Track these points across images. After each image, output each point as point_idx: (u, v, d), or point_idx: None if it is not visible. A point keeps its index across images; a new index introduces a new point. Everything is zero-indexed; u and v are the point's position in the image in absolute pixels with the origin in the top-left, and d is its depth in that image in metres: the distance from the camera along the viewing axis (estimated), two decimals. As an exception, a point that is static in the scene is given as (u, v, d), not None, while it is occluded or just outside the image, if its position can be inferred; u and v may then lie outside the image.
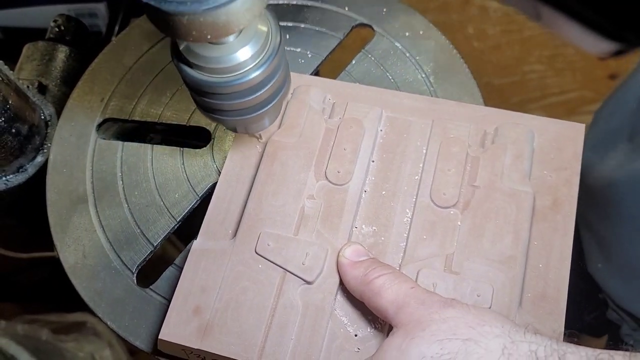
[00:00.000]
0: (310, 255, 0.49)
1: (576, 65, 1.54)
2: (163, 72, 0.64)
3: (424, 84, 0.62)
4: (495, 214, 0.49)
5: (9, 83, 0.59)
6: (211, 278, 0.49)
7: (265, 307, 0.47)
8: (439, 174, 0.52)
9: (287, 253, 0.49)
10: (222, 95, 0.45)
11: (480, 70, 1.53)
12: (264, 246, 0.49)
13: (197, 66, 0.43)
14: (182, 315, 0.47)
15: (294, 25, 0.66)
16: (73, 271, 0.55)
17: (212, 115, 0.48)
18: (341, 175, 0.52)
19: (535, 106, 1.50)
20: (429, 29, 0.64)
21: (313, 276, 0.48)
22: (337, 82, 0.59)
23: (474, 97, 0.61)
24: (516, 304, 0.46)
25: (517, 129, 0.53)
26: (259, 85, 0.45)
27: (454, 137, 0.53)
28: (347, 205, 0.51)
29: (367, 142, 0.54)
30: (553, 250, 0.49)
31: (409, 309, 0.41)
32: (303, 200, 0.51)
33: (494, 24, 1.61)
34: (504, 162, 0.51)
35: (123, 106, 0.63)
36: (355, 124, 0.54)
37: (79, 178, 0.60)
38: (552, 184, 0.51)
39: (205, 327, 0.47)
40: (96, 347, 0.99)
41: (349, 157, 0.53)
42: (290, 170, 0.53)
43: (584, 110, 1.46)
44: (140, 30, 0.67)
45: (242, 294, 0.48)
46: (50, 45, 0.74)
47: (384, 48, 0.64)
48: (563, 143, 0.52)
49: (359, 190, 0.52)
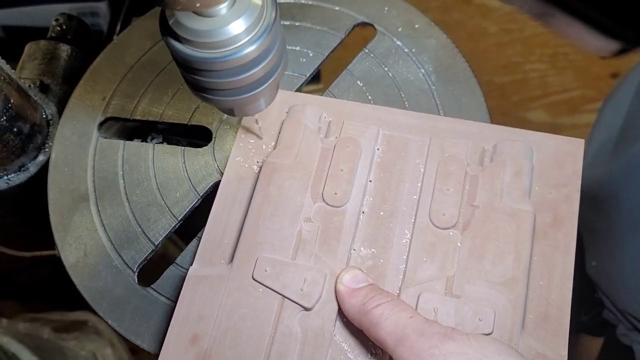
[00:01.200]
0: (309, 280, 0.48)
1: (578, 64, 1.54)
2: (164, 71, 0.64)
3: (425, 83, 0.61)
4: (495, 235, 0.48)
5: (11, 82, 0.59)
6: (208, 305, 0.48)
7: (264, 335, 0.46)
8: (437, 193, 0.51)
9: (285, 279, 0.48)
10: (214, 73, 0.42)
11: (482, 69, 1.53)
12: (261, 272, 0.48)
13: (187, 41, 0.41)
14: (180, 344, 0.47)
15: (295, 24, 0.65)
16: (74, 270, 0.56)
17: (203, 95, 0.46)
18: (338, 197, 0.51)
19: (536, 105, 1.50)
20: (431, 27, 0.64)
21: (312, 302, 0.47)
22: (333, 100, 0.58)
23: (475, 96, 0.61)
24: (519, 327, 0.46)
25: (515, 145, 0.52)
26: (254, 62, 0.42)
27: (452, 155, 0.52)
28: (345, 227, 0.50)
29: (364, 162, 0.53)
30: (555, 269, 0.48)
31: (409, 341, 0.40)
32: (300, 223, 0.51)
33: (495, 23, 1.61)
34: (503, 181, 0.50)
35: (124, 105, 0.63)
36: (351, 143, 0.53)
37: (80, 177, 0.60)
38: (552, 200, 0.50)
39: (203, 356, 0.46)
40: (97, 345, 0.99)
41: (346, 177, 0.52)
42: (287, 193, 0.52)
43: (586, 108, 1.46)
44: (141, 29, 0.67)
45: (240, 321, 0.47)
46: (52, 44, 0.74)
47: (386, 47, 0.64)
48: (562, 159, 0.52)
49: (356, 212, 0.51)
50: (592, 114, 0.86)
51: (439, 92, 0.61)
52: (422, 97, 0.61)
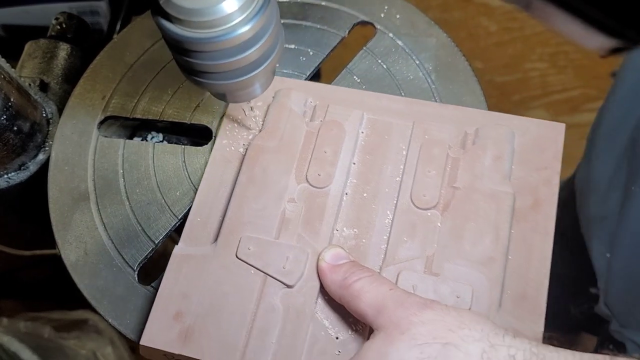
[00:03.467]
0: (291, 259, 0.48)
1: (578, 63, 1.54)
2: (164, 70, 0.64)
3: (425, 82, 0.61)
4: (475, 215, 0.49)
5: (11, 81, 0.59)
6: (192, 283, 0.48)
7: (247, 312, 0.47)
8: (419, 175, 0.52)
9: (268, 257, 0.49)
10: (206, 54, 0.41)
11: (482, 68, 1.53)
12: (244, 250, 0.49)
13: (178, 20, 0.39)
14: (163, 321, 0.47)
15: (296, 23, 0.65)
16: (75, 269, 0.56)
17: (196, 79, 0.44)
18: (322, 178, 0.52)
19: (537, 104, 1.50)
20: (431, 26, 0.64)
21: (294, 280, 0.48)
22: (319, 85, 0.59)
23: (475, 95, 0.61)
24: (496, 305, 0.46)
25: (497, 129, 0.53)
26: (248, 43, 0.41)
27: (434, 138, 0.53)
28: (328, 208, 0.51)
29: (348, 145, 0.54)
30: (533, 249, 0.49)
31: (388, 311, 0.41)
32: (284, 204, 0.51)
33: (495, 22, 1.61)
34: (484, 163, 0.51)
35: (124, 104, 0.63)
36: (336, 126, 0.54)
37: (80, 176, 0.60)
38: (532, 183, 0.51)
39: (186, 332, 0.47)
40: (98, 344, 1.00)
41: (330, 159, 0.53)
42: (272, 174, 0.52)
43: (587, 107, 1.46)
44: (141, 28, 0.67)
45: (223, 298, 0.48)
46: (52, 43, 0.74)
47: (386, 46, 0.64)
48: (544, 143, 0.53)
49: (340, 193, 0.52)
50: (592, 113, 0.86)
51: (439, 91, 0.61)
52: (422, 96, 0.61)
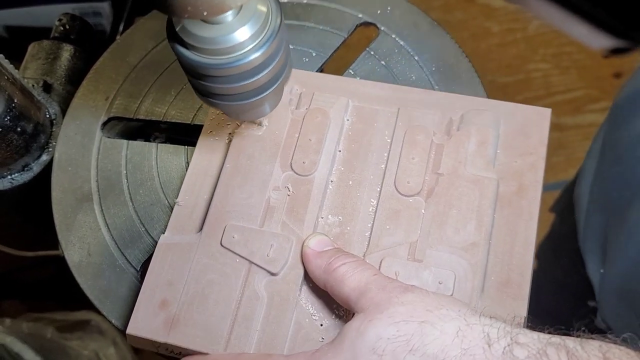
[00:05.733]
0: (275, 246, 0.49)
1: (581, 64, 1.54)
2: (168, 71, 0.64)
3: (428, 83, 0.61)
4: (458, 201, 0.49)
5: (14, 82, 0.59)
6: (178, 272, 0.49)
7: (231, 300, 0.47)
8: (403, 162, 0.52)
9: (252, 245, 0.49)
10: (220, 79, 0.43)
11: (485, 69, 1.53)
12: (229, 239, 0.50)
13: (194, 47, 0.41)
14: (149, 309, 0.48)
15: (299, 24, 0.66)
16: (78, 269, 0.56)
17: (210, 100, 0.47)
18: (306, 166, 0.52)
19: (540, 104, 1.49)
20: (433, 27, 0.64)
21: (278, 268, 0.48)
22: (304, 73, 0.59)
23: (478, 96, 0.60)
24: (478, 290, 0.47)
25: (482, 115, 0.53)
26: (259, 68, 0.43)
27: (419, 125, 0.53)
28: (312, 195, 0.51)
29: (333, 132, 0.54)
30: (517, 235, 0.49)
31: (370, 294, 0.41)
32: (269, 192, 0.52)
33: (498, 22, 1.61)
34: (468, 149, 0.51)
35: (128, 105, 0.63)
36: (321, 114, 0.54)
37: (84, 176, 0.60)
38: (517, 169, 0.51)
39: (172, 320, 0.47)
40: (100, 345, 1.00)
41: (314, 147, 0.53)
42: (257, 162, 0.53)
43: (590, 108, 1.45)
44: (144, 29, 0.67)
45: (208, 286, 0.48)
46: (55, 44, 0.74)
47: (388, 46, 0.64)
48: (529, 128, 0.53)
49: (324, 181, 0.52)
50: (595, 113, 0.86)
51: (441, 91, 0.61)
52: (425, 97, 0.61)
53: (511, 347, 0.35)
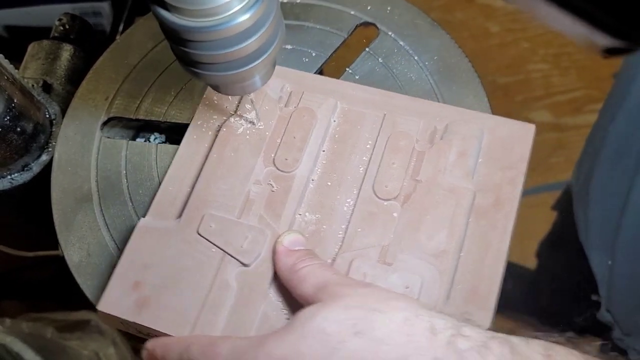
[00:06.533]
0: (250, 239, 0.49)
1: (581, 64, 1.54)
2: (167, 71, 0.64)
3: (428, 83, 0.61)
4: (433, 209, 0.50)
5: (14, 82, 0.59)
6: (153, 255, 0.50)
7: (202, 287, 0.48)
8: (383, 166, 0.52)
9: (228, 235, 0.50)
10: (205, 44, 0.40)
11: (485, 69, 1.53)
12: (206, 227, 0.50)
13: (176, 9, 0.38)
14: (122, 289, 0.49)
15: (298, 24, 0.66)
16: (78, 269, 0.56)
17: (194, 70, 0.43)
18: (289, 163, 0.53)
19: (540, 105, 1.50)
20: (433, 27, 0.64)
21: (250, 259, 0.49)
22: (297, 72, 0.59)
23: (478, 96, 0.60)
24: (444, 297, 0.47)
25: (466, 126, 0.53)
26: (247, 32, 0.40)
27: (403, 131, 0.54)
28: (292, 192, 0.52)
29: (319, 132, 0.54)
30: (490, 247, 0.49)
31: (328, 288, 0.42)
32: (249, 185, 0.52)
33: (498, 23, 1.61)
34: (448, 158, 0.52)
35: (127, 105, 0.63)
36: (308, 113, 0.55)
37: (83, 177, 0.60)
38: (496, 182, 0.51)
39: (143, 302, 0.48)
40: (100, 345, 1.00)
41: (298, 145, 0.54)
42: (241, 155, 0.54)
43: (590, 109, 1.45)
44: (144, 29, 0.67)
45: (181, 272, 0.49)
46: (55, 44, 0.74)
47: (388, 47, 0.64)
48: (512, 143, 0.53)
49: (305, 179, 0.53)
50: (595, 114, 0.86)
51: (441, 92, 0.61)
52: (424, 97, 0.60)
53: (455, 338, 0.36)
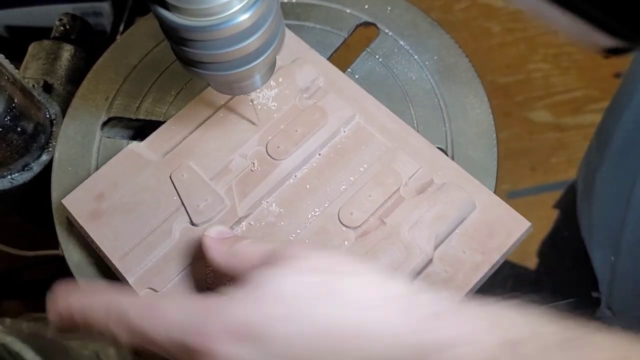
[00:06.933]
0: (209, 202, 0.51)
1: (581, 64, 1.54)
2: (168, 71, 0.64)
3: (428, 83, 0.61)
4: (382, 255, 0.48)
5: (15, 82, 0.59)
6: (125, 177, 0.53)
7: (149, 225, 0.51)
8: (360, 194, 0.51)
9: (192, 191, 0.51)
10: (205, 43, 0.40)
11: (485, 69, 1.53)
12: (178, 175, 0.52)
13: (176, 8, 0.38)
14: (87, 195, 0.52)
15: (298, 23, 0.66)
16: (78, 269, 0.56)
17: (194, 70, 0.43)
18: (279, 151, 0.53)
19: (540, 105, 1.50)
20: (434, 27, 0.64)
21: (199, 220, 0.50)
22: (336, 72, 0.58)
23: (478, 96, 0.60)
24: None
25: (461, 193, 0.50)
26: (248, 32, 0.40)
27: (396, 169, 0.52)
28: (269, 179, 0.52)
29: (322, 135, 0.54)
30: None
31: (277, 254, 0.37)
32: (235, 155, 0.53)
33: (498, 23, 1.61)
34: (424, 215, 0.49)
35: (128, 105, 0.63)
36: (320, 113, 0.54)
37: (84, 176, 0.59)
38: (460, 260, 0.49)
39: (96, 213, 0.51)
40: (100, 345, 1.00)
41: (296, 139, 0.53)
42: (242, 125, 0.54)
43: (590, 108, 1.45)
44: (145, 29, 0.67)
45: (140, 203, 0.52)
46: (56, 44, 0.74)
47: (389, 46, 0.64)
48: (498, 230, 0.49)
49: (287, 172, 0.53)
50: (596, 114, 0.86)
51: (442, 91, 0.61)
52: (425, 97, 0.61)
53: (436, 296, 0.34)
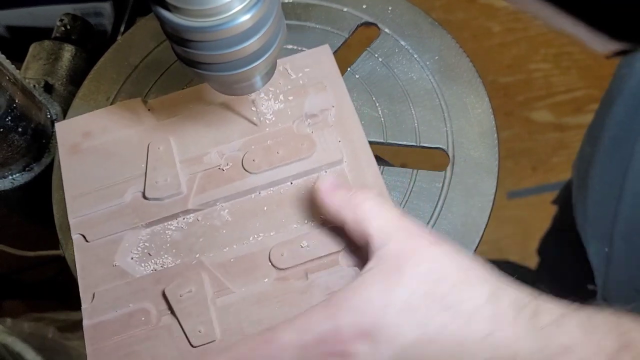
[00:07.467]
0: (167, 181, 0.52)
1: (582, 64, 1.54)
2: (169, 71, 0.64)
3: (429, 83, 0.61)
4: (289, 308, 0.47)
5: (16, 82, 0.59)
6: (115, 126, 0.56)
7: (111, 178, 0.54)
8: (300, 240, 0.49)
9: (159, 165, 0.53)
10: (206, 44, 0.40)
11: (486, 69, 1.53)
12: (155, 146, 0.54)
13: (177, 9, 0.38)
14: (77, 128, 0.57)
15: (299, 24, 0.66)
16: (79, 269, 0.56)
17: (196, 71, 0.44)
18: (253, 164, 0.53)
19: (541, 104, 1.50)
20: (435, 27, 0.64)
21: (151, 195, 0.52)
22: (351, 110, 0.56)
23: (479, 96, 0.60)
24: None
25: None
26: (249, 32, 0.40)
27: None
28: (231, 186, 0.52)
29: (301, 167, 0.53)
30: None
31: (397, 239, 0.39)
32: (214, 150, 0.54)
33: (499, 22, 1.61)
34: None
35: (129, 105, 0.63)
36: (309, 145, 0.53)
37: (84, 177, 0.60)
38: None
39: (76, 148, 0.55)
40: (102, 345, 0.99)
41: (273, 160, 0.53)
42: (236, 125, 0.55)
43: (591, 108, 1.45)
44: (145, 30, 0.67)
45: (115, 154, 0.55)
46: (57, 44, 0.74)
47: (389, 46, 0.64)
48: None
49: (252, 187, 0.52)
50: (596, 113, 0.86)
51: (442, 91, 0.61)
52: (426, 97, 0.61)
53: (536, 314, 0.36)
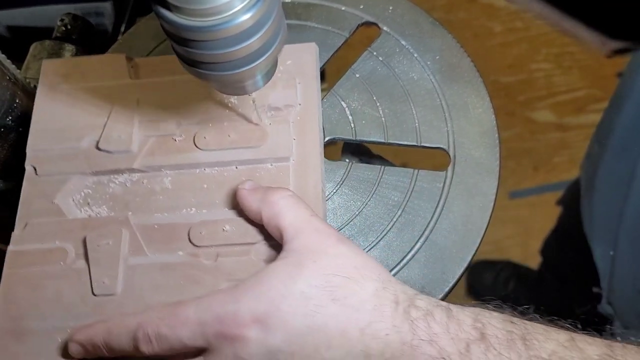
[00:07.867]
0: (120, 138, 0.53)
1: (583, 64, 1.54)
2: (169, 71, 0.64)
3: (430, 82, 0.61)
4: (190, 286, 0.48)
5: (17, 82, 0.59)
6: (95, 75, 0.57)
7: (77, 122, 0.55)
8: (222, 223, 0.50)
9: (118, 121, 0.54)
10: (206, 43, 0.40)
11: (487, 69, 1.52)
12: (120, 105, 0.55)
13: (178, 8, 0.38)
14: (61, 68, 0.58)
15: (300, 23, 0.65)
16: (79, 269, 0.56)
17: (196, 70, 0.44)
18: (202, 141, 0.53)
19: (542, 104, 1.50)
20: (436, 27, 0.64)
21: (103, 147, 0.53)
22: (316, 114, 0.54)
23: (480, 95, 0.60)
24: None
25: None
26: (249, 32, 0.40)
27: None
28: (180, 156, 0.53)
29: (248, 155, 0.52)
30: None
31: (304, 235, 0.45)
32: (173, 120, 0.54)
33: (500, 22, 1.61)
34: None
35: (129, 105, 0.63)
36: (261, 135, 0.53)
37: (85, 176, 0.60)
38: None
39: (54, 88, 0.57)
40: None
41: (223, 142, 0.53)
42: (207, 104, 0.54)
43: (592, 108, 1.45)
44: (146, 29, 0.67)
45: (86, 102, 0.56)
46: (57, 44, 0.74)
47: (390, 46, 0.64)
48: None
49: (197, 162, 0.52)
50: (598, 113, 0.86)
51: (443, 91, 0.61)
52: (427, 97, 0.61)
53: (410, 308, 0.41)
